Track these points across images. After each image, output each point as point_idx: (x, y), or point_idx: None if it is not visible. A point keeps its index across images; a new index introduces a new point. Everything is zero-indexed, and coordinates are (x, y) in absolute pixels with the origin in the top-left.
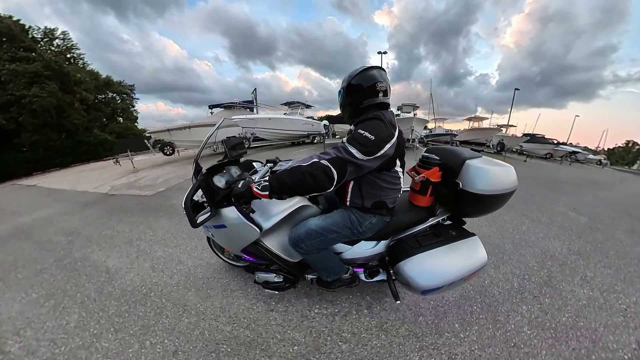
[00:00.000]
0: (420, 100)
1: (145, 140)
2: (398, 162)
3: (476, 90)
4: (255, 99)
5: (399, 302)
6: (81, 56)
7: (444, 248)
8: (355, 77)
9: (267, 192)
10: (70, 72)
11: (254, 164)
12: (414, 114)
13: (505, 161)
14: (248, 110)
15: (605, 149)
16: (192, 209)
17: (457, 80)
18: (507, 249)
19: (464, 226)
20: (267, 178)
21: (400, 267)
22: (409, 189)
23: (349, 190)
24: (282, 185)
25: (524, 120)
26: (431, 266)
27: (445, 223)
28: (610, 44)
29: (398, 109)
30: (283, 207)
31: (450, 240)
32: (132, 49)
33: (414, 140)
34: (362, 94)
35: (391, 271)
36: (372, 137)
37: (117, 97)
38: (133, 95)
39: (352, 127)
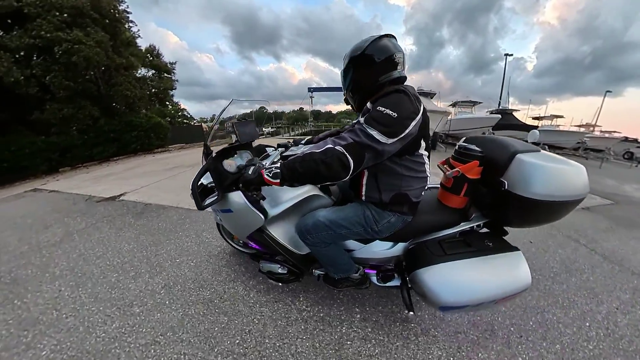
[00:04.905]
0: (442, 91)
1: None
2: (423, 144)
3: (507, 76)
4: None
5: (411, 313)
6: (128, 10)
7: (474, 260)
8: (367, 49)
9: (278, 180)
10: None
11: (267, 148)
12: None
13: (631, 169)
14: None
15: None
16: (202, 192)
17: (487, 67)
18: None
19: (504, 237)
20: (278, 165)
21: (418, 274)
22: (439, 185)
23: (364, 182)
24: (293, 172)
25: (568, 113)
26: (456, 279)
27: (481, 231)
28: None
29: (452, 106)
30: (291, 195)
31: (484, 252)
32: None
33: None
34: (377, 69)
35: (407, 278)
36: (395, 114)
37: (155, 76)
38: (173, 75)
39: (369, 104)
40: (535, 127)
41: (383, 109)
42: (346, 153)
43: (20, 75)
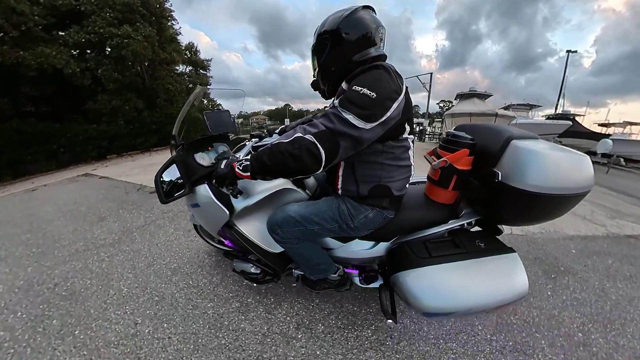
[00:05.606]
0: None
1: None
2: (407, 128)
3: (559, 75)
4: None
5: (390, 321)
6: (171, 8)
7: (463, 263)
8: (341, 24)
9: (248, 173)
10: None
11: (246, 142)
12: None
13: None
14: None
15: None
16: (173, 187)
17: (532, 63)
18: None
19: (498, 236)
20: (249, 157)
21: (400, 277)
22: (425, 179)
23: (340, 174)
24: (262, 165)
25: (637, 117)
26: (441, 284)
27: (473, 229)
28: None
29: (505, 109)
30: (260, 189)
31: (475, 254)
32: None
33: None
34: (352, 47)
35: (390, 280)
36: (374, 94)
37: (192, 72)
38: (208, 71)
39: (344, 84)
40: (607, 136)
41: (360, 88)
42: (317, 142)
43: (77, 67)
